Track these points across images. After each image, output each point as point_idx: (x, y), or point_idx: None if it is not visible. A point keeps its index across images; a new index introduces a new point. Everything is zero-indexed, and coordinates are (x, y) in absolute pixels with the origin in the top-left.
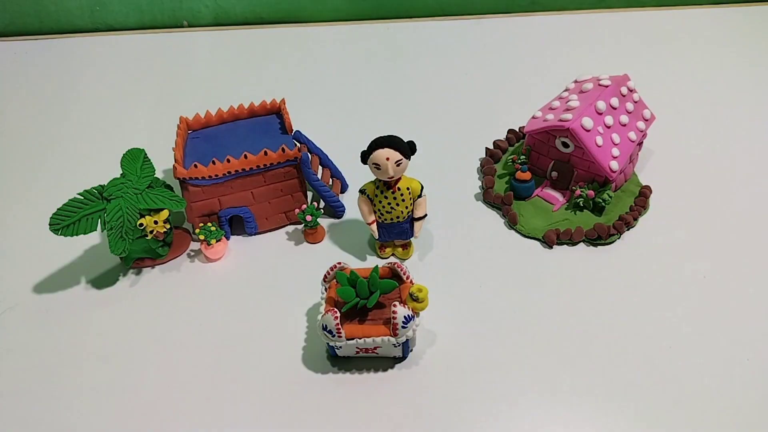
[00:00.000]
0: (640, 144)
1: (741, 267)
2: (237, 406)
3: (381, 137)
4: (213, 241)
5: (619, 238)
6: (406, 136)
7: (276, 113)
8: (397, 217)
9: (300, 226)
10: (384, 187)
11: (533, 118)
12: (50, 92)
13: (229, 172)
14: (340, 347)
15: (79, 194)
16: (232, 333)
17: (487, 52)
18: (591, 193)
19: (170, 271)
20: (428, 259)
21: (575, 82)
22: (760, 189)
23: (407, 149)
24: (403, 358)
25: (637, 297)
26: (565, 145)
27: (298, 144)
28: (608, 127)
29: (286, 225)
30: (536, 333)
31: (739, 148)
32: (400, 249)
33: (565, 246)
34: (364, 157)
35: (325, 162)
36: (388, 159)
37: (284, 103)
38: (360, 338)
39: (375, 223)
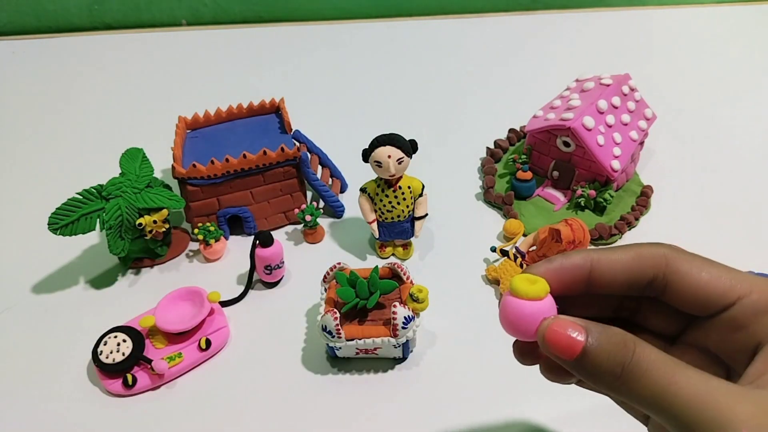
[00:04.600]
0: (641, 143)
1: (742, 267)
2: (236, 407)
3: (383, 135)
4: (212, 241)
5: (620, 238)
6: (407, 135)
7: (275, 112)
8: (398, 216)
9: (299, 226)
10: (385, 185)
11: (534, 117)
12: (48, 91)
13: (228, 172)
14: (340, 348)
15: (77, 193)
16: (231, 333)
17: (488, 50)
18: (592, 192)
19: (169, 271)
20: (428, 259)
21: (576, 81)
22: (762, 188)
23: (409, 147)
24: (404, 358)
25: None
26: (567, 144)
27: (298, 143)
28: (610, 127)
29: (286, 225)
30: None
31: (741, 147)
32: (400, 249)
33: None
34: (366, 154)
35: (325, 161)
36: (389, 157)
37: (283, 102)
38: (360, 339)
39: (375, 222)
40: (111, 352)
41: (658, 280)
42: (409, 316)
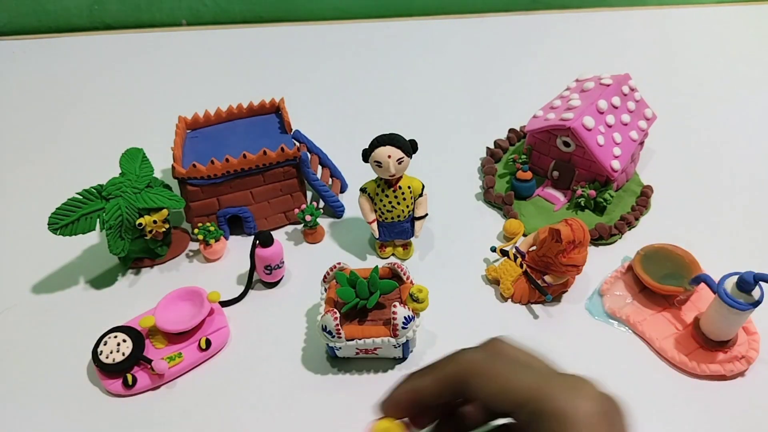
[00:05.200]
0: (641, 143)
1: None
2: (236, 407)
3: (383, 135)
4: (212, 241)
5: (620, 238)
6: (407, 135)
7: (275, 112)
8: (398, 216)
9: (299, 226)
10: (385, 185)
11: (534, 117)
12: (48, 91)
13: (228, 172)
14: (340, 348)
15: (77, 194)
16: (231, 333)
17: (488, 50)
18: (592, 192)
19: (169, 271)
20: (428, 259)
21: (576, 81)
22: (762, 188)
23: (409, 147)
24: (404, 359)
25: None
26: (567, 144)
27: (298, 143)
28: (610, 127)
29: (286, 225)
30: (538, 333)
31: (741, 147)
32: (400, 249)
33: None
34: (366, 154)
35: (325, 161)
36: (389, 157)
37: (283, 102)
38: (360, 339)
39: (375, 222)
40: (111, 352)
41: (461, 394)
42: (409, 316)
